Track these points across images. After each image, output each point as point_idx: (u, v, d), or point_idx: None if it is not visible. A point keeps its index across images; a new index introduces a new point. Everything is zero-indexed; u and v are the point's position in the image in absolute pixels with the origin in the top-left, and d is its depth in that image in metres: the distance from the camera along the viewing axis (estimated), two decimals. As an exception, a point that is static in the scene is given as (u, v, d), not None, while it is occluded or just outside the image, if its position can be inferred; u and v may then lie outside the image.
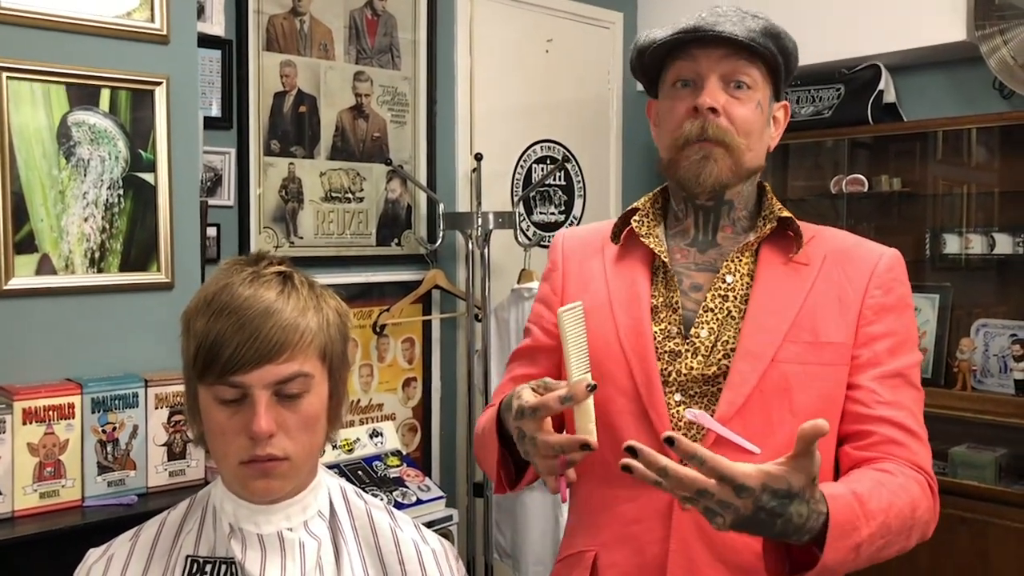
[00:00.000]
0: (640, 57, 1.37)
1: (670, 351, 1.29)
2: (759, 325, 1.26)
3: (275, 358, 1.07)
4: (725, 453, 1.15)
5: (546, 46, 3.53)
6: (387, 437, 2.88)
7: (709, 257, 1.34)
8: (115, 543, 1.19)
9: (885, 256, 1.32)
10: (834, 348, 1.26)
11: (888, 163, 3.31)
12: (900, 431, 1.24)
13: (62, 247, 1.86)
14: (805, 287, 1.28)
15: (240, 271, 1.12)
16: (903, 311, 1.30)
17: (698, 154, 1.28)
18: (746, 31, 1.27)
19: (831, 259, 1.31)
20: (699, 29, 1.26)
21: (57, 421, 1.75)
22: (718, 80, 1.28)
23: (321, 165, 2.91)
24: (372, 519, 1.21)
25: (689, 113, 1.28)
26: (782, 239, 1.32)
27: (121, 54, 1.92)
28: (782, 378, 1.24)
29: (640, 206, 1.40)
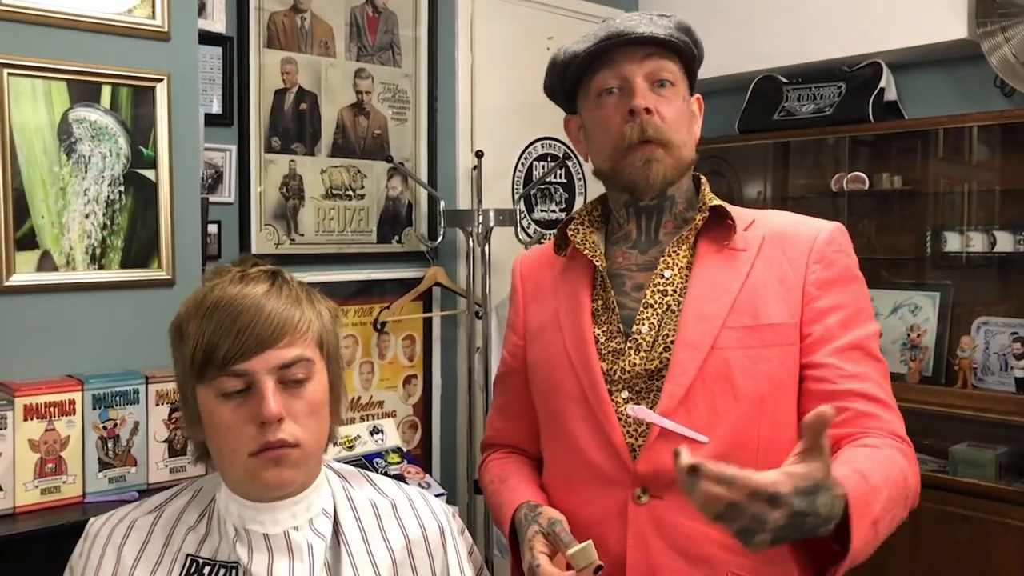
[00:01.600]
0: (562, 74, 1.39)
1: (613, 351, 1.31)
2: (697, 314, 1.27)
3: (276, 343, 1.07)
4: (672, 447, 1.18)
5: (547, 43, 3.53)
6: (388, 434, 2.88)
7: (650, 256, 1.36)
8: (116, 514, 1.21)
9: (824, 230, 1.32)
10: (776, 329, 1.26)
11: (889, 161, 3.31)
12: (870, 403, 1.24)
13: (63, 244, 1.86)
14: (743, 271, 1.29)
15: (226, 273, 1.14)
16: (849, 282, 1.30)
17: (640, 159, 1.30)
18: (663, 29, 1.31)
19: (770, 241, 1.32)
20: (620, 35, 1.29)
21: (58, 417, 1.75)
22: (644, 81, 1.30)
23: (322, 162, 2.91)
24: (375, 504, 1.22)
25: (624, 118, 1.30)
26: (719, 228, 1.33)
27: (122, 51, 1.92)
28: (723, 364, 1.24)
29: (576, 215, 1.43)
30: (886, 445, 1.21)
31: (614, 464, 1.27)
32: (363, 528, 1.19)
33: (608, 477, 1.28)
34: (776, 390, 1.25)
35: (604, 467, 1.28)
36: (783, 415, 1.26)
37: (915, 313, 3.14)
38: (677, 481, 1.17)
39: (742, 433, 1.24)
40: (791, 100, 3.37)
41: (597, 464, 1.29)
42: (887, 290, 3.20)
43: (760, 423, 1.24)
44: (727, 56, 3.44)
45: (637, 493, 1.25)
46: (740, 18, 3.39)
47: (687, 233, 1.33)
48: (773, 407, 1.25)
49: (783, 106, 3.38)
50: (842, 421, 1.23)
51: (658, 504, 1.24)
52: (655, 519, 1.24)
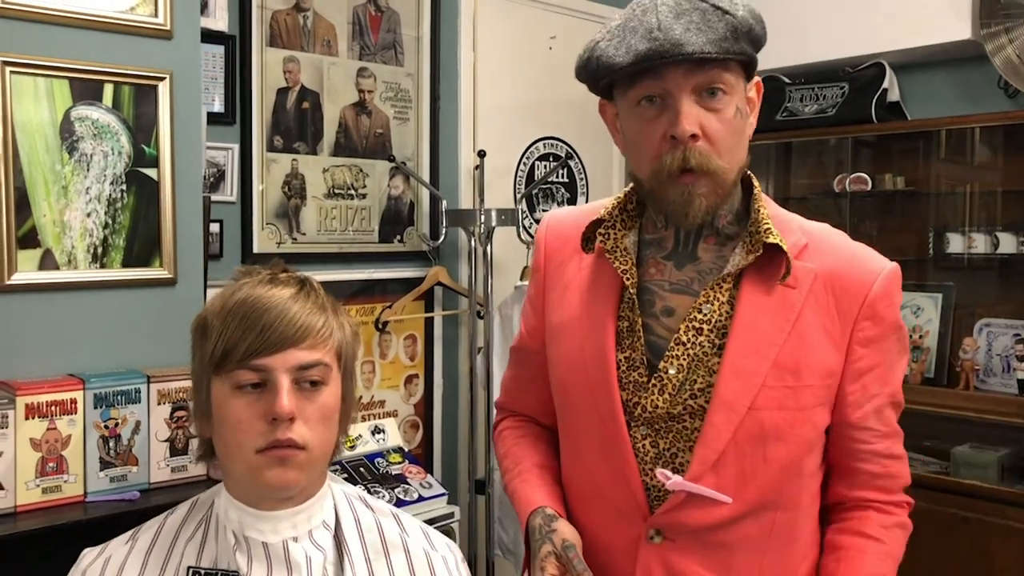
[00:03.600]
0: (594, 82, 1.21)
1: (634, 382, 1.22)
2: (737, 369, 1.17)
3: (297, 343, 1.08)
4: (696, 507, 1.20)
5: (549, 43, 3.53)
6: (389, 434, 2.88)
7: (686, 275, 1.23)
8: (111, 544, 1.18)
9: (880, 279, 1.20)
10: (815, 391, 1.18)
11: (892, 162, 3.31)
12: (890, 461, 1.25)
13: (65, 242, 1.86)
14: (791, 318, 1.18)
15: (255, 274, 1.14)
16: (892, 334, 1.23)
17: (682, 194, 1.15)
18: (716, 43, 1.11)
19: (821, 282, 1.20)
20: (666, 55, 1.10)
21: (59, 416, 1.75)
22: (691, 95, 1.13)
23: (324, 161, 2.90)
24: (382, 529, 1.20)
25: (666, 140, 1.14)
26: (771, 257, 1.19)
27: (124, 49, 1.91)
28: (758, 427, 1.17)
29: (606, 215, 1.27)
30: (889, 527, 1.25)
31: (630, 503, 1.23)
32: (367, 550, 1.18)
33: (623, 512, 1.24)
34: (804, 452, 1.21)
35: (619, 503, 1.24)
36: (806, 475, 1.23)
37: (917, 314, 3.14)
38: (694, 533, 1.20)
39: (766, 495, 1.20)
40: (794, 100, 3.36)
41: (612, 498, 1.25)
42: (889, 291, 3.18)
43: (786, 484, 1.20)
44: (730, 56, 3.43)
45: (651, 533, 1.22)
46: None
47: (735, 269, 1.20)
48: (799, 468, 1.21)
49: (786, 106, 3.37)
50: (854, 483, 1.26)
51: (671, 547, 1.21)
52: (666, 562, 1.21)
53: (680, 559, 1.20)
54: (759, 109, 1.25)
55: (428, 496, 2.69)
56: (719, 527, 1.19)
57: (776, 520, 1.21)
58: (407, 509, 2.60)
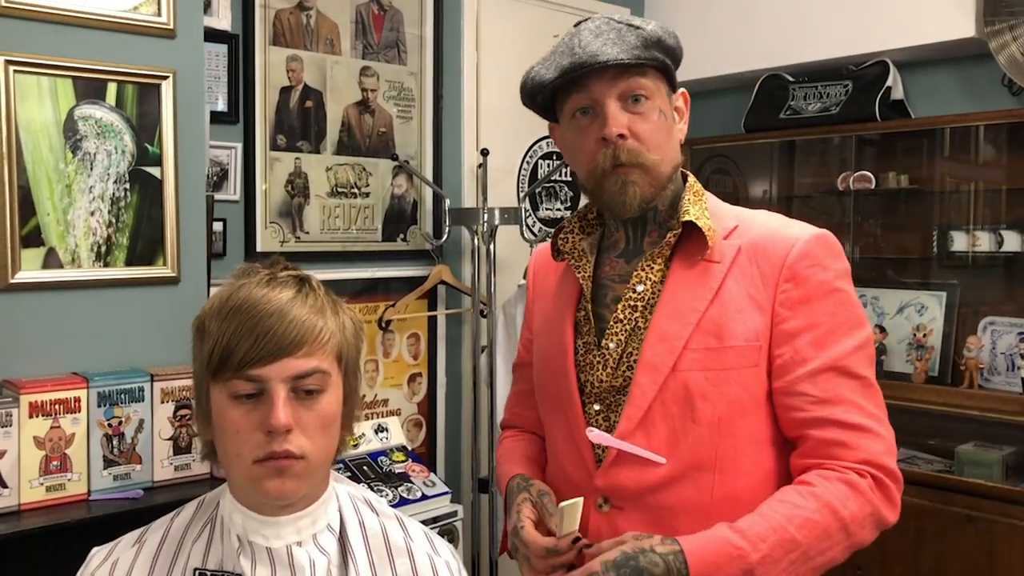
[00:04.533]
0: (532, 99, 1.38)
1: (589, 363, 1.34)
2: (661, 335, 1.27)
3: (294, 352, 1.05)
4: (630, 466, 1.27)
5: (553, 41, 3.52)
6: (392, 432, 2.88)
7: (632, 267, 1.35)
8: (119, 546, 1.17)
9: (799, 243, 1.27)
10: (740, 351, 1.24)
11: (895, 160, 3.30)
12: (838, 429, 1.21)
13: (68, 241, 1.86)
14: (713, 287, 1.27)
15: (255, 274, 1.12)
16: (824, 297, 1.25)
17: (616, 183, 1.28)
18: (628, 51, 1.26)
19: (745, 253, 1.29)
20: (584, 64, 1.26)
21: (63, 415, 1.75)
22: (616, 101, 1.28)
23: (327, 160, 2.90)
24: (386, 533, 1.20)
25: (598, 143, 1.28)
26: (698, 239, 1.30)
27: (127, 48, 1.92)
28: (682, 387, 1.25)
29: (566, 223, 1.43)
30: (823, 480, 1.19)
31: (582, 473, 1.33)
32: (371, 554, 1.17)
33: (575, 482, 1.34)
34: (736, 413, 1.25)
35: (573, 474, 1.35)
36: (744, 437, 1.26)
37: (921, 313, 3.13)
38: (636, 496, 1.28)
39: (700, 455, 1.25)
40: (797, 99, 3.36)
41: (569, 470, 1.36)
42: (893, 289, 3.19)
43: (719, 445, 1.25)
44: (733, 55, 3.43)
45: (599, 502, 1.31)
46: (746, 17, 3.38)
47: (661, 248, 1.31)
48: (732, 429, 1.25)
49: (789, 105, 3.37)
50: (804, 452, 1.24)
51: (617, 514, 1.29)
52: (614, 528, 1.27)
53: (628, 525, 1.26)
54: (688, 117, 1.39)
55: (431, 495, 2.69)
56: (657, 489, 1.26)
57: (715, 484, 1.25)
58: (410, 508, 2.60)
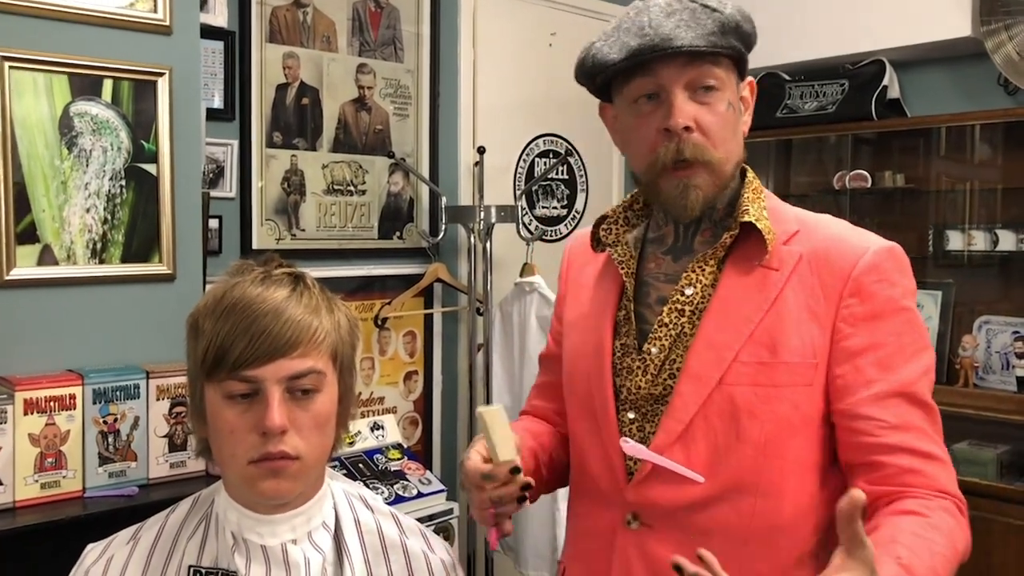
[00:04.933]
0: (591, 78, 1.24)
1: (626, 367, 1.24)
2: (708, 343, 1.17)
3: (288, 353, 1.05)
4: (665, 482, 1.17)
5: (549, 39, 3.52)
6: (388, 430, 2.89)
7: (680, 266, 1.25)
8: (114, 543, 1.17)
9: (868, 255, 1.17)
10: (794, 368, 1.15)
11: (891, 159, 3.31)
12: (915, 458, 1.12)
13: (64, 238, 1.86)
14: (770, 296, 1.17)
15: (250, 271, 1.11)
16: (891, 316, 1.15)
17: (677, 187, 1.18)
18: (704, 36, 1.15)
19: (807, 262, 1.18)
20: (656, 48, 1.14)
21: (58, 412, 1.75)
22: (683, 90, 1.16)
23: (323, 158, 2.90)
24: (381, 530, 1.20)
25: (660, 134, 1.17)
26: (755, 242, 1.19)
27: (124, 45, 1.91)
28: (728, 402, 1.15)
29: (610, 213, 1.32)
30: (934, 511, 1.09)
31: (610, 484, 1.24)
32: (366, 551, 1.17)
33: (603, 495, 1.25)
34: (785, 433, 1.15)
35: (601, 484, 1.25)
36: (791, 460, 1.16)
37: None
38: (668, 515, 1.18)
39: (742, 476, 1.16)
40: (793, 98, 3.36)
41: (595, 479, 1.26)
42: (889, 288, 3.18)
43: (763, 467, 1.15)
44: (730, 53, 3.43)
45: (628, 518, 1.21)
46: (743, 15, 3.38)
47: (715, 250, 1.21)
48: (780, 451, 1.15)
49: (785, 103, 3.37)
50: (881, 478, 1.13)
51: (647, 533, 1.20)
52: (641, 548, 1.20)
53: (656, 546, 1.18)
54: (754, 108, 1.28)
55: (427, 492, 2.69)
56: (692, 509, 1.17)
57: (756, 507, 1.16)
58: (406, 505, 2.60)
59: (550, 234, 3.57)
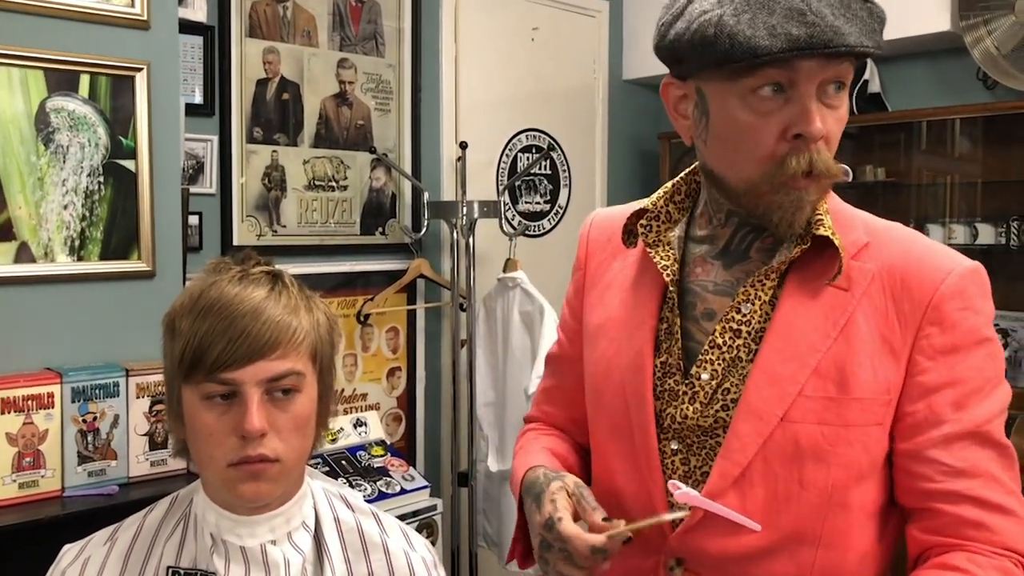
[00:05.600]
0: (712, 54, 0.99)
1: (669, 390, 1.10)
2: (770, 375, 1.03)
3: (267, 354, 1.03)
4: (716, 529, 1.04)
5: (532, 34, 3.52)
6: (371, 427, 2.88)
7: (733, 275, 1.10)
8: (91, 543, 1.16)
9: (951, 278, 1.03)
10: (865, 405, 1.02)
11: (873, 153, 3.32)
12: (975, 508, 1.00)
13: (41, 235, 1.84)
14: (839, 322, 1.03)
15: (227, 270, 1.09)
16: (972, 349, 1.02)
17: (792, 199, 1.01)
18: (870, 36, 0.98)
19: (879, 281, 1.04)
20: (829, 44, 0.95)
21: (36, 411, 1.73)
22: (815, 88, 0.99)
23: (304, 153, 2.88)
24: (361, 529, 1.19)
25: (787, 140, 1.00)
26: (823, 256, 1.05)
27: (100, 39, 1.89)
28: (792, 443, 1.02)
29: (651, 206, 1.15)
30: (982, 566, 0.98)
31: (652, 528, 1.07)
32: (346, 550, 1.16)
33: (644, 539, 1.08)
34: (853, 479, 1.03)
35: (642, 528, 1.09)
36: (857, 508, 1.05)
37: (898, 305, 3.15)
38: (718, 565, 1.05)
39: (803, 526, 1.04)
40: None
41: (631, 515, 1.08)
42: (870, 282, 3.20)
43: (827, 516, 1.03)
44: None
45: (671, 564, 1.09)
46: (725, 10, 3.38)
47: (779, 264, 1.06)
48: (845, 499, 1.04)
49: (767, 98, 3.37)
50: (936, 528, 1.02)
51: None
52: None
53: None
54: None
55: (410, 489, 2.69)
56: (746, 560, 1.05)
57: (817, 560, 1.04)
58: (389, 502, 2.59)
59: (533, 229, 3.56)
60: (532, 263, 3.23)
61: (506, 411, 3.07)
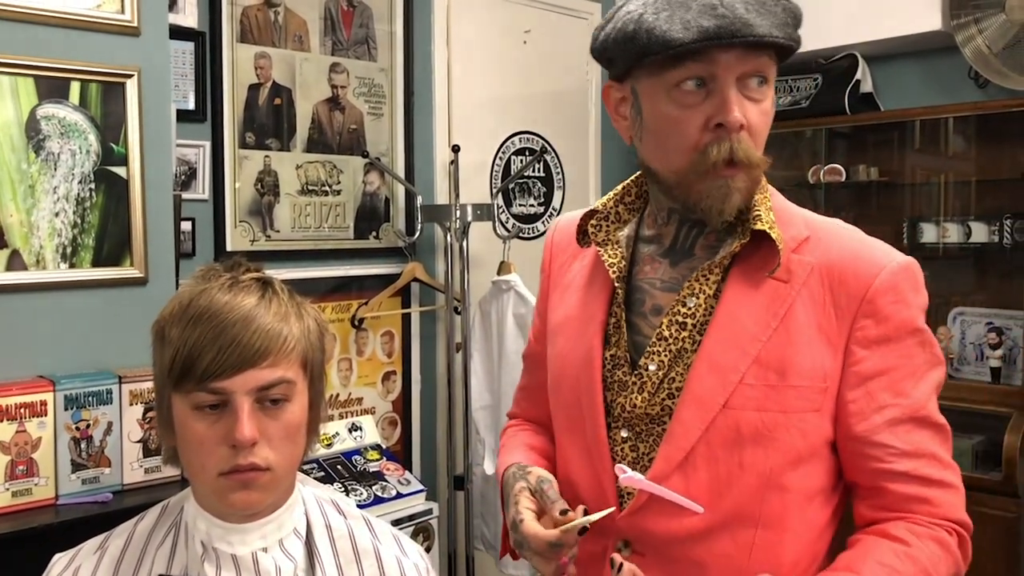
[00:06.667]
0: (634, 52, 1.07)
1: (618, 381, 1.15)
2: (712, 364, 1.09)
3: (258, 363, 1.03)
4: (661, 511, 1.10)
5: (524, 37, 3.52)
6: (366, 431, 2.87)
7: (679, 272, 1.16)
8: (82, 552, 1.15)
9: (884, 273, 1.09)
10: (803, 393, 1.08)
11: (866, 152, 3.33)
12: (920, 485, 1.09)
13: (33, 242, 1.84)
14: (779, 313, 1.09)
15: (217, 277, 1.08)
16: (905, 338, 1.09)
17: (720, 187, 1.07)
18: (781, 27, 1.04)
19: (818, 275, 1.10)
20: (736, 34, 1.01)
21: (29, 419, 1.73)
22: (735, 81, 1.06)
23: (297, 158, 2.88)
24: (353, 535, 1.18)
25: (709, 130, 1.06)
26: (764, 250, 1.11)
27: (91, 46, 1.89)
28: (733, 429, 1.08)
29: (601, 207, 1.22)
30: (918, 540, 1.07)
31: (599, 508, 1.13)
32: (338, 557, 1.16)
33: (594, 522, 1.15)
34: (791, 463, 1.09)
35: (589, 507, 1.15)
36: (796, 491, 1.10)
37: (892, 304, 3.15)
38: (663, 546, 1.11)
39: (743, 507, 1.09)
40: (768, 92, 3.37)
41: (584, 501, 1.16)
42: (864, 281, 3.21)
43: (766, 498, 1.09)
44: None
45: (619, 545, 1.14)
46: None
47: (721, 258, 1.12)
48: (784, 482, 1.09)
49: (760, 98, 3.38)
50: (884, 505, 1.10)
51: (639, 561, 1.11)
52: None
53: (649, 574, 1.09)
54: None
55: (406, 493, 2.68)
56: (690, 540, 1.10)
57: (756, 540, 1.09)
58: (385, 506, 2.59)
59: (527, 232, 3.56)
60: (526, 265, 3.22)
61: (502, 414, 3.07)
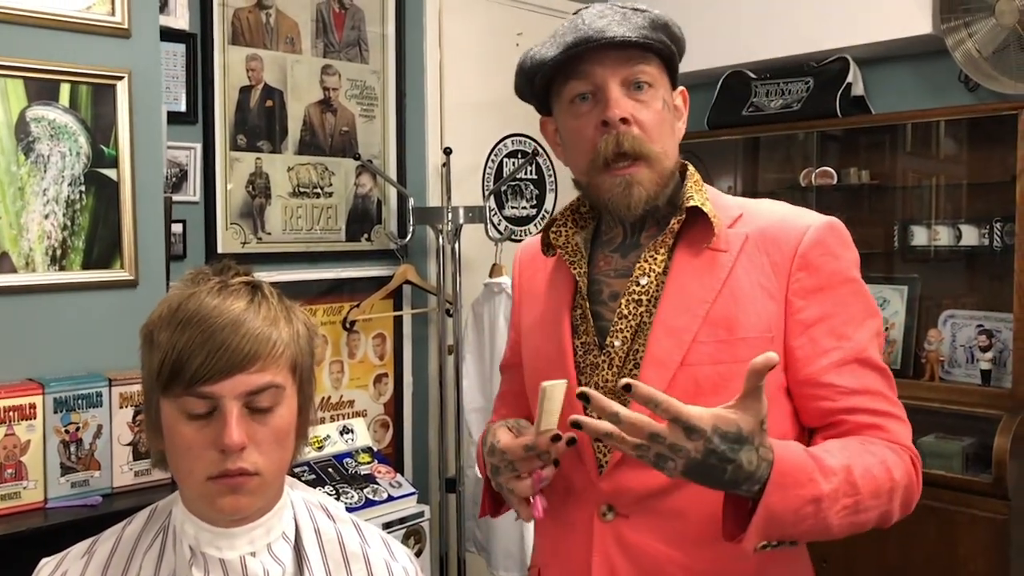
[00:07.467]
0: (531, 80, 1.29)
1: (590, 364, 1.26)
2: (667, 328, 1.21)
3: (246, 368, 1.02)
4: (636, 467, 1.17)
5: (516, 39, 3.52)
6: (358, 434, 2.86)
7: (629, 261, 1.29)
8: (68, 556, 1.15)
9: (810, 231, 1.23)
10: (752, 343, 1.18)
11: (857, 155, 3.33)
12: (871, 416, 1.18)
13: (22, 245, 1.83)
14: (720, 277, 1.21)
15: (206, 281, 1.08)
16: (839, 286, 1.22)
17: (620, 184, 1.22)
18: (636, 30, 1.21)
19: (753, 242, 1.23)
20: (589, 40, 1.19)
21: (18, 422, 1.72)
22: (619, 87, 1.22)
23: (289, 160, 2.88)
24: (342, 539, 1.18)
25: (599, 129, 1.22)
26: (701, 227, 1.24)
27: (81, 48, 1.88)
28: (692, 383, 1.18)
29: (558, 216, 1.35)
30: (876, 443, 1.16)
31: (582, 477, 1.25)
32: (327, 561, 1.16)
33: (575, 490, 1.26)
34: None
35: (573, 479, 1.26)
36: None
37: (883, 306, 3.16)
38: (643, 500, 1.20)
39: None
40: (759, 95, 3.38)
41: (566, 476, 1.26)
42: (855, 284, 3.22)
43: None
44: (696, 51, 3.41)
45: (603, 510, 1.23)
46: (708, 13, 3.39)
47: (664, 237, 1.25)
48: None
49: (752, 101, 3.39)
50: (841, 433, 1.19)
51: (624, 523, 1.21)
52: (620, 538, 1.21)
53: (635, 534, 1.20)
54: (687, 117, 1.34)
55: (398, 495, 2.68)
56: (665, 492, 1.18)
57: None
58: (376, 509, 2.58)
59: (519, 234, 3.56)
60: (518, 268, 3.22)
61: (494, 417, 3.07)
